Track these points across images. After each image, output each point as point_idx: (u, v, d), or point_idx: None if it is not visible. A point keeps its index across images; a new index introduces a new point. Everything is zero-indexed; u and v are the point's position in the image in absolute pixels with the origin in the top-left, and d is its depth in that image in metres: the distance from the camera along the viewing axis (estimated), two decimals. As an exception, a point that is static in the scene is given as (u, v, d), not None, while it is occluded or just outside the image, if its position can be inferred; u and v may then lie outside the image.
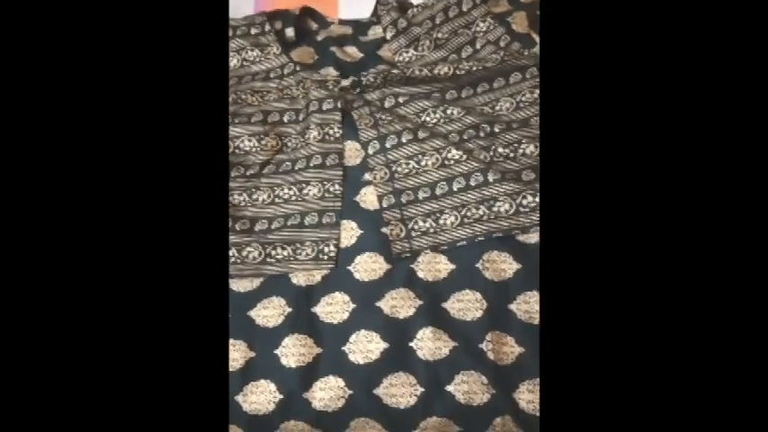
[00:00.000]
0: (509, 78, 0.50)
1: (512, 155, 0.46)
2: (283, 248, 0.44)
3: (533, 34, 0.53)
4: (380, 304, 0.42)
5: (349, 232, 0.45)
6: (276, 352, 0.41)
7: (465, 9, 0.54)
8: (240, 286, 0.44)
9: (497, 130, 0.47)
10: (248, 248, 0.44)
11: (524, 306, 0.41)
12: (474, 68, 0.50)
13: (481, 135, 0.47)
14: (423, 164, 0.46)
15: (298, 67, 0.54)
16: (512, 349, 0.40)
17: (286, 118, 0.51)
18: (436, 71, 0.51)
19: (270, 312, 0.43)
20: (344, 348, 0.41)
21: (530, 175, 0.44)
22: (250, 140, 0.49)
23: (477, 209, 0.44)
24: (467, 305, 0.41)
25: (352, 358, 0.40)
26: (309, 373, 0.40)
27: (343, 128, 0.49)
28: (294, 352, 0.41)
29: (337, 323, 0.42)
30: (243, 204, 0.47)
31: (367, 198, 0.46)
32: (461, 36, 0.54)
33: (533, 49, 0.51)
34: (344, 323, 0.42)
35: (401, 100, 0.50)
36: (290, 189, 0.47)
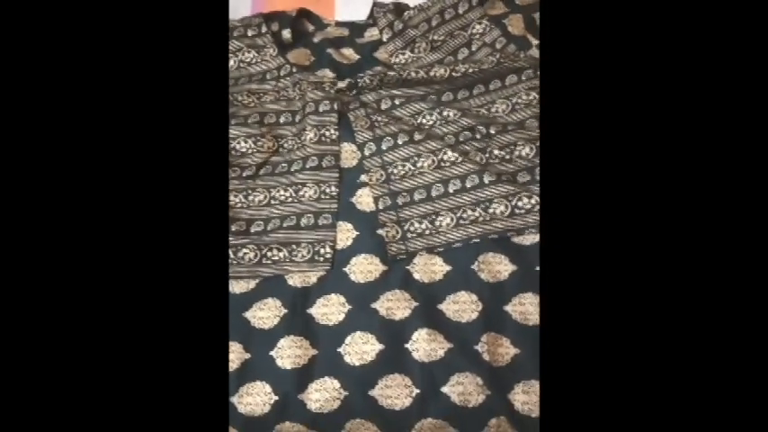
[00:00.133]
0: (505, 80, 0.50)
1: (507, 157, 0.46)
2: (279, 250, 0.44)
3: (529, 36, 0.53)
4: (376, 306, 0.42)
5: (345, 234, 0.45)
6: (271, 353, 0.41)
7: (461, 11, 0.55)
8: (236, 287, 0.44)
9: (493, 131, 0.47)
10: (244, 250, 0.44)
11: (519, 307, 0.41)
12: (470, 70, 0.50)
13: (477, 137, 0.47)
14: (419, 166, 0.47)
15: (294, 69, 0.54)
16: (507, 350, 0.40)
17: (282, 119, 0.51)
18: (432, 73, 0.51)
19: (265, 314, 0.43)
20: (340, 350, 0.41)
21: (525, 177, 0.45)
22: (246, 142, 0.49)
23: (473, 210, 0.44)
24: (462, 306, 0.41)
25: (347, 360, 0.40)
26: (305, 375, 0.40)
27: (340, 129, 0.49)
28: (290, 353, 0.41)
29: (333, 325, 0.42)
30: (239, 206, 0.47)
31: (363, 200, 0.46)
32: (457, 38, 0.54)
33: (529, 52, 0.52)
34: (340, 325, 0.42)
35: (397, 102, 0.50)
36: (286, 191, 0.47)
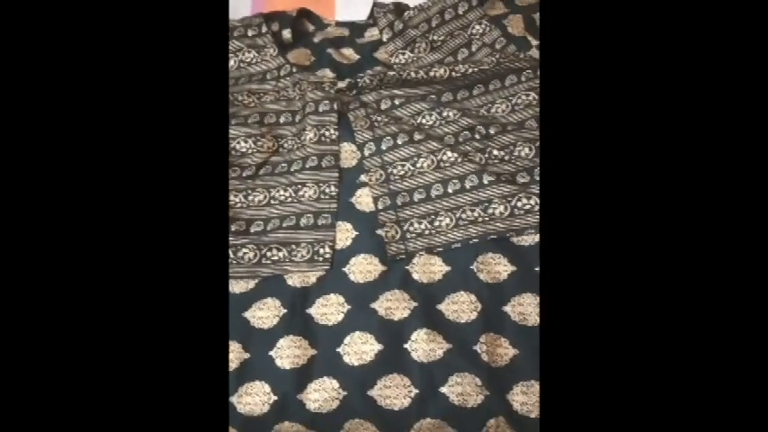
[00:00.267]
0: (504, 81, 0.50)
1: (507, 157, 0.46)
2: (279, 250, 0.45)
3: (529, 37, 0.53)
4: (375, 306, 0.42)
5: (344, 234, 0.45)
6: (271, 353, 0.41)
7: (461, 12, 0.55)
8: (235, 287, 0.44)
9: (493, 132, 0.47)
10: (244, 249, 0.44)
11: (519, 308, 0.41)
12: (470, 71, 0.50)
13: (476, 137, 0.47)
14: (418, 166, 0.47)
15: (294, 69, 0.54)
16: (506, 351, 0.40)
17: (282, 119, 0.51)
18: (432, 73, 0.51)
19: (265, 314, 0.43)
20: (339, 350, 0.41)
21: (525, 178, 0.45)
22: (246, 142, 0.49)
23: (473, 211, 0.44)
24: (461, 307, 0.41)
25: (346, 360, 0.40)
26: (304, 375, 0.40)
27: (340, 129, 0.49)
28: (289, 353, 0.41)
29: (332, 325, 0.42)
30: (239, 206, 0.47)
31: (362, 200, 0.46)
32: (457, 38, 0.54)
33: (529, 52, 0.52)
34: (339, 325, 0.42)
35: (397, 102, 0.50)
36: (285, 190, 0.47)
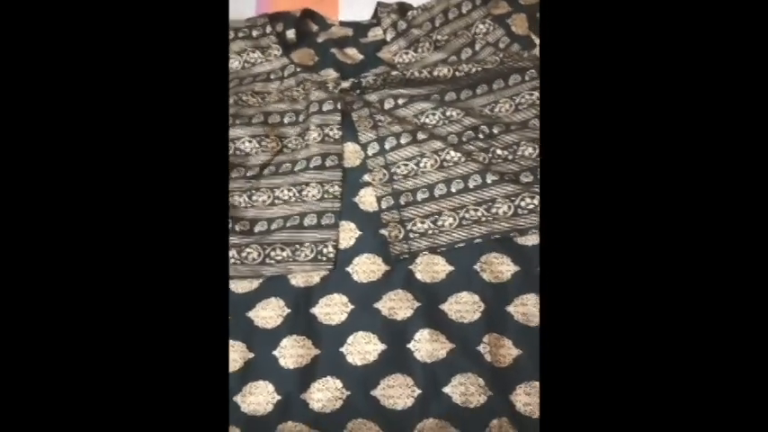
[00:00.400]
0: (508, 80, 0.50)
1: (510, 156, 0.46)
2: (282, 249, 0.45)
3: (533, 36, 0.53)
4: (379, 306, 0.42)
5: (348, 233, 0.45)
6: (274, 353, 0.41)
7: (465, 11, 0.55)
8: (239, 287, 0.44)
9: (496, 131, 0.47)
10: (248, 249, 0.45)
11: (522, 308, 0.41)
12: (473, 70, 0.50)
13: (480, 137, 0.47)
14: (421, 165, 0.47)
15: (298, 69, 0.54)
16: (509, 351, 0.40)
17: (286, 119, 0.51)
18: (436, 73, 0.51)
19: (269, 313, 0.43)
20: (342, 350, 0.41)
21: (528, 177, 0.44)
22: (250, 141, 0.49)
23: (476, 210, 0.44)
24: (464, 307, 0.41)
25: (349, 359, 0.40)
26: (307, 375, 0.40)
27: (343, 129, 0.49)
28: (292, 353, 0.41)
29: (335, 324, 0.42)
30: (243, 205, 0.47)
31: (366, 199, 0.46)
32: (461, 38, 0.54)
33: (533, 51, 0.51)
34: (343, 324, 0.42)
35: (400, 101, 0.50)
36: (289, 190, 0.47)
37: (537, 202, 0.43)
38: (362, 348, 0.41)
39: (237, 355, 0.41)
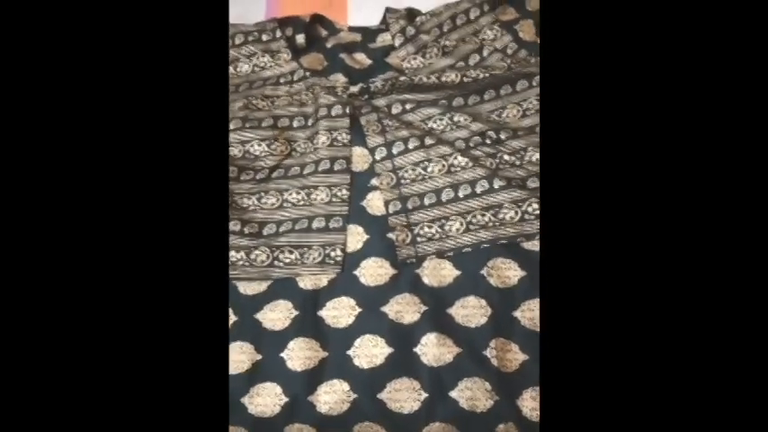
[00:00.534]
0: (516, 86, 0.50)
1: (518, 162, 0.46)
2: (291, 252, 0.45)
3: (541, 42, 0.53)
4: (386, 309, 0.42)
5: (355, 237, 0.45)
6: (282, 355, 0.42)
7: (472, 17, 0.55)
8: (248, 289, 0.44)
9: (503, 137, 0.47)
10: (256, 252, 0.45)
11: (529, 314, 0.41)
12: (481, 76, 0.51)
13: (487, 142, 0.47)
14: (429, 170, 0.47)
15: (307, 73, 0.55)
16: (516, 356, 0.40)
17: (295, 123, 0.52)
18: (443, 78, 0.51)
19: (277, 315, 0.43)
20: (349, 353, 0.41)
21: (535, 183, 0.45)
22: (260, 145, 0.50)
23: (483, 215, 0.44)
24: (471, 311, 0.41)
25: (356, 362, 0.41)
26: (315, 377, 0.41)
27: (351, 133, 0.50)
28: (300, 355, 0.41)
29: (343, 327, 0.42)
30: (252, 208, 0.48)
31: (373, 203, 0.47)
32: (469, 44, 0.54)
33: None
34: (350, 327, 0.42)
35: (408, 107, 0.51)
36: (298, 193, 0.48)
37: (544, 207, 0.43)
38: (369, 351, 0.41)
39: (245, 356, 0.42)
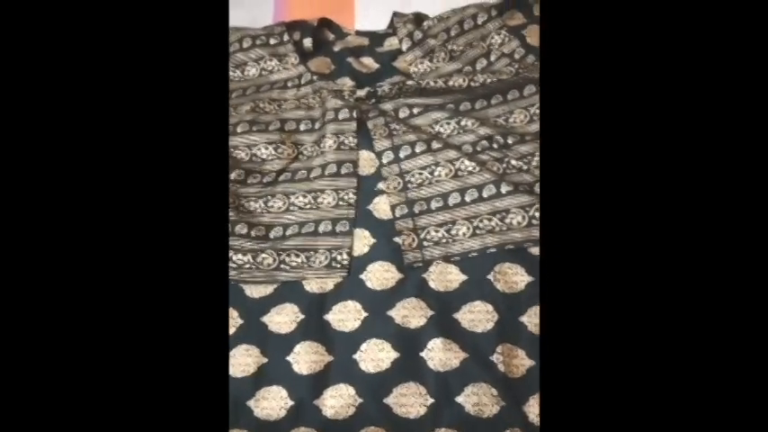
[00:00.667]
0: (523, 91, 0.50)
1: (525, 167, 0.46)
2: (297, 255, 0.45)
3: (548, 47, 0.53)
4: (392, 313, 0.42)
5: (362, 241, 0.45)
6: (288, 358, 0.42)
7: (480, 22, 0.55)
8: (254, 292, 0.45)
9: (511, 142, 0.47)
10: (263, 255, 0.45)
11: (535, 319, 0.41)
12: (488, 81, 0.51)
13: (494, 147, 0.47)
14: (436, 174, 0.47)
15: (315, 77, 0.55)
16: (522, 362, 0.40)
17: (302, 127, 0.52)
18: (451, 83, 0.51)
19: (283, 319, 0.43)
20: (355, 357, 0.41)
21: (543, 188, 0.45)
22: (267, 148, 0.50)
23: (490, 220, 0.44)
24: (478, 316, 0.41)
25: (362, 367, 0.41)
26: (320, 381, 0.41)
27: (359, 137, 0.50)
28: (306, 359, 0.41)
29: (349, 331, 0.42)
30: (259, 211, 0.48)
31: (380, 207, 0.47)
32: (476, 48, 0.54)
33: (548, 63, 0.52)
34: (356, 331, 0.42)
35: (415, 111, 0.51)
36: (304, 197, 0.48)
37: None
38: (375, 356, 0.41)
39: (251, 359, 0.42)
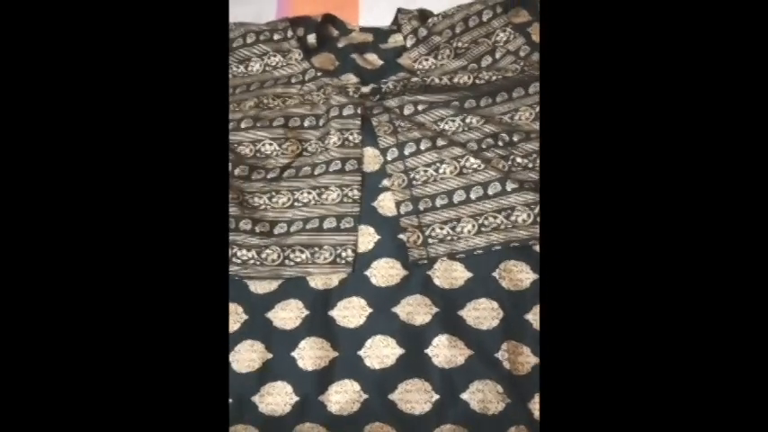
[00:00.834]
0: (528, 88, 0.50)
1: (530, 165, 0.46)
2: (302, 252, 0.45)
3: (553, 45, 0.53)
4: (397, 310, 0.42)
5: (366, 237, 0.45)
6: (293, 354, 0.42)
7: (485, 19, 0.55)
8: (259, 288, 0.44)
9: (516, 139, 0.47)
10: (267, 251, 0.45)
11: (541, 316, 0.41)
12: (493, 78, 0.51)
13: (500, 144, 0.47)
14: (441, 171, 0.47)
15: (319, 73, 0.55)
16: (527, 359, 0.40)
17: (307, 123, 0.52)
18: (456, 80, 0.51)
19: (287, 314, 0.43)
20: (360, 353, 0.41)
21: (548, 186, 0.45)
22: (271, 144, 0.50)
23: (495, 218, 0.44)
24: (483, 314, 0.41)
25: (367, 363, 0.41)
26: (325, 377, 0.41)
27: (363, 134, 0.50)
28: (311, 355, 0.41)
29: (354, 327, 0.42)
30: (263, 207, 0.48)
31: (385, 204, 0.47)
32: (481, 45, 0.54)
33: (553, 61, 0.52)
34: (361, 328, 0.42)
35: (420, 108, 0.51)
36: (309, 193, 0.48)
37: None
38: (380, 352, 0.41)
39: (256, 355, 0.42)
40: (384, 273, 0.44)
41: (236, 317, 0.43)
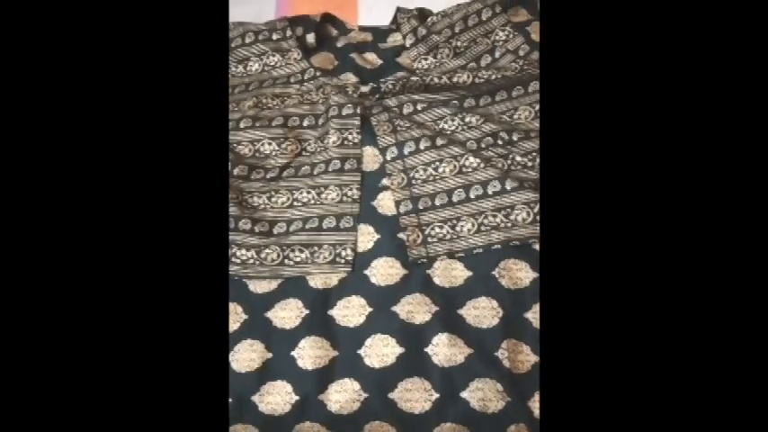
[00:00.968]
0: (528, 87, 0.50)
1: (530, 164, 0.46)
2: (301, 251, 0.45)
3: (552, 44, 0.53)
4: (396, 309, 0.42)
5: (366, 237, 0.45)
6: (293, 353, 0.42)
7: (484, 18, 0.55)
8: (258, 287, 0.44)
9: (515, 138, 0.47)
10: (267, 250, 0.45)
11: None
12: (493, 77, 0.51)
13: (499, 143, 0.47)
14: (440, 171, 0.47)
15: (318, 73, 0.55)
16: (527, 358, 0.40)
17: (306, 123, 0.52)
18: (455, 79, 0.51)
19: (287, 314, 0.43)
20: (360, 352, 0.41)
21: (547, 185, 0.45)
22: (270, 144, 0.50)
23: (495, 217, 0.44)
24: (483, 312, 0.41)
25: (367, 362, 0.41)
26: (325, 376, 0.41)
27: (362, 133, 0.50)
28: (311, 354, 0.41)
29: (353, 327, 0.42)
30: (262, 207, 0.48)
31: (384, 203, 0.47)
32: (480, 45, 0.54)
33: (552, 59, 0.52)
34: (360, 327, 0.42)
35: (419, 107, 0.51)
36: (308, 193, 0.48)
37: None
38: (380, 351, 0.41)
39: (256, 354, 0.42)
40: (384, 272, 0.44)
41: (236, 316, 0.43)
